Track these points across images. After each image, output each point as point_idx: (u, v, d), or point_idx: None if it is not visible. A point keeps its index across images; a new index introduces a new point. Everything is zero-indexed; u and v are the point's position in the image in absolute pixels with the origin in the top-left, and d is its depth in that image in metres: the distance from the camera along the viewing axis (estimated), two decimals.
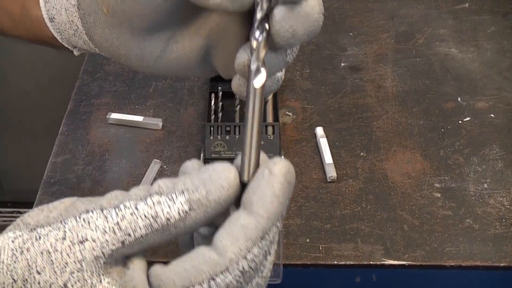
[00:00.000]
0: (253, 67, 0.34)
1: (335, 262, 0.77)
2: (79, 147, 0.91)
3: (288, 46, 0.37)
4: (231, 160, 0.37)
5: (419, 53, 1.07)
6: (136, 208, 0.33)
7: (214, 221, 0.34)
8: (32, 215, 0.34)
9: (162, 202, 0.33)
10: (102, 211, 0.33)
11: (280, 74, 0.40)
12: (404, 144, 0.91)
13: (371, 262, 0.77)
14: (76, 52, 0.49)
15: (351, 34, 1.11)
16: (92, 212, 0.33)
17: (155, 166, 0.87)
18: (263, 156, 0.35)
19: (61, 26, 0.45)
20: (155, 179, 0.86)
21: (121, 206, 0.33)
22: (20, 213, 1.85)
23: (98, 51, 0.45)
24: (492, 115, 0.95)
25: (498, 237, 0.78)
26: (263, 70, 0.34)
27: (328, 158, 0.87)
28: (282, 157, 0.34)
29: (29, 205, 0.88)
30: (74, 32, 0.44)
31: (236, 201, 0.34)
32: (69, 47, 0.47)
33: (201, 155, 0.87)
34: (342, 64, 1.04)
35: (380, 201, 0.83)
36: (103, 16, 0.41)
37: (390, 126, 0.94)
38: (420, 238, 0.78)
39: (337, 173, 0.86)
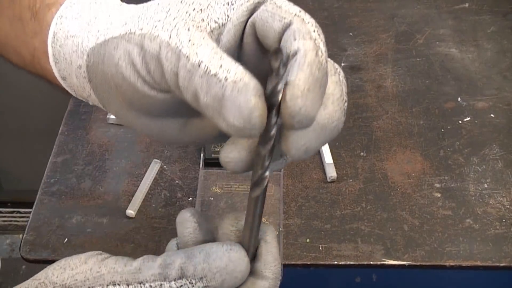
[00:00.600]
0: (255, 179, 0.35)
1: (335, 262, 0.77)
2: (79, 147, 0.91)
3: (299, 159, 0.37)
4: None
5: (419, 53, 1.07)
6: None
7: None
8: (56, 274, 0.37)
9: (183, 285, 0.38)
10: (127, 286, 0.38)
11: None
12: (404, 144, 0.91)
13: (371, 262, 0.77)
14: (91, 103, 0.46)
15: (351, 34, 1.11)
16: (119, 285, 0.37)
17: (155, 166, 0.87)
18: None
19: (74, 86, 0.43)
20: (155, 179, 0.86)
21: (147, 285, 0.38)
22: (20, 213, 1.85)
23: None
24: (492, 115, 0.95)
25: (498, 237, 0.78)
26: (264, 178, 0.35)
27: (328, 158, 0.87)
28: (267, 223, 0.40)
29: (29, 205, 0.88)
30: (87, 96, 0.42)
31: None
32: (85, 100, 0.45)
33: (201, 155, 0.87)
34: (342, 64, 1.04)
35: (380, 201, 0.83)
36: (118, 100, 0.39)
37: (390, 126, 0.93)
38: (420, 238, 0.78)
39: (337, 173, 0.86)
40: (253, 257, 0.40)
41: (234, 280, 0.37)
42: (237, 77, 0.32)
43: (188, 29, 0.34)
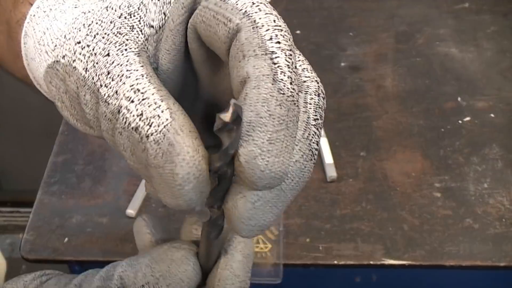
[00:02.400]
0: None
1: (335, 262, 0.77)
2: (79, 147, 0.91)
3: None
4: None
5: (419, 53, 1.07)
6: None
7: None
8: None
9: None
10: None
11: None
12: (404, 144, 0.91)
13: (371, 262, 0.77)
14: None
15: (351, 34, 1.11)
16: None
17: None
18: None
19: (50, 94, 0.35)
20: None
21: None
22: (20, 213, 1.85)
23: None
24: (492, 115, 0.95)
25: (498, 237, 0.78)
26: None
27: (328, 158, 0.87)
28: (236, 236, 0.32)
29: (29, 205, 0.88)
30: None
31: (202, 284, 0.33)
32: None
33: None
34: (342, 64, 1.04)
35: (380, 201, 0.83)
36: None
37: (390, 126, 0.93)
38: (420, 238, 0.78)
39: (337, 173, 0.86)
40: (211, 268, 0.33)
41: (180, 284, 0.31)
42: (159, 134, 0.23)
43: (108, 54, 0.26)
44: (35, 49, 0.31)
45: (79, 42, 0.28)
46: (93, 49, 0.27)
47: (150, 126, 0.24)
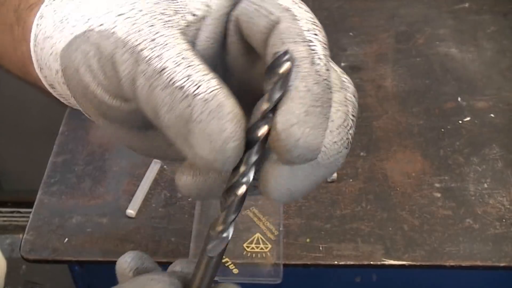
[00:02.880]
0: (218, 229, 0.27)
1: (335, 262, 0.77)
2: (79, 147, 0.91)
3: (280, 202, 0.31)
4: None
5: (419, 53, 1.07)
6: None
7: None
8: None
9: None
10: None
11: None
12: (404, 144, 0.91)
13: (371, 262, 0.77)
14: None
15: (351, 34, 1.11)
16: None
17: (155, 166, 0.87)
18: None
19: (63, 95, 0.37)
20: (155, 179, 0.86)
21: None
22: (20, 213, 1.85)
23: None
24: (492, 115, 0.95)
25: (498, 237, 0.78)
26: (225, 235, 0.27)
27: None
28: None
29: (29, 205, 0.88)
30: (74, 104, 0.36)
31: None
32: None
33: None
34: (342, 64, 1.04)
35: (380, 201, 0.83)
36: (92, 108, 0.32)
37: (390, 126, 0.93)
38: (420, 238, 0.78)
39: (337, 173, 0.86)
40: None
41: None
42: (209, 94, 0.25)
43: (152, 25, 0.27)
44: (54, 27, 0.32)
45: (121, 14, 0.28)
46: (136, 20, 0.28)
47: (198, 87, 0.25)
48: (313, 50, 0.26)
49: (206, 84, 0.25)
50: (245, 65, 0.30)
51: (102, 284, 0.36)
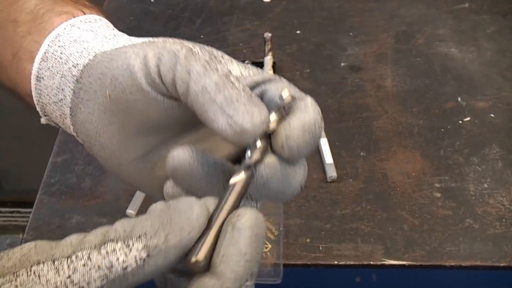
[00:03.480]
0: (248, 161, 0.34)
1: (335, 262, 0.77)
2: (79, 147, 0.91)
3: (257, 195, 0.36)
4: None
5: (419, 53, 1.07)
6: (89, 259, 0.30)
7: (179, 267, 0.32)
8: None
9: (117, 249, 0.30)
10: (53, 262, 0.30)
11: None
12: (404, 144, 0.91)
13: (371, 262, 0.77)
14: (43, 120, 0.45)
15: (351, 34, 1.11)
16: (44, 264, 0.30)
17: None
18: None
19: (46, 89, 0.42)
20: None
21: (73, 257, 0.30)
22: (20, 213, 1.85)
23: (71, 129, 0.42)
24: (492, 115, 0.95)
25: (498, 237, 0.79)
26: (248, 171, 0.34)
27: (328, 158, 0.87)
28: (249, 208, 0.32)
29: (29, 205, 0.88)
30: (57, 101, 0.41)
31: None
32: (40, 112, 0.44)
33: None
34: (342, 64, 1.04)
35: (380, 201, 0.83)
36: (102, 98, 0.38)
37: (390, 126, 0.94)
38: (420, 238, 0.79)
39: (337, 173, 0.86)
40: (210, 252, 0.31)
41: (180, 233, 0.30)
42: (253, 95, 0.34)
43: (210, 53, 0.37)
44: (96, 38, 0.41)
45: (185, 41, 0.37)
46: (200, 46, 0.37)
47: (245, 88, 0.34)
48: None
49: (248, 89, 0.34)
50: None
51: None
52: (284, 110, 0.35)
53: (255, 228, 0.31)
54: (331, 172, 0.86)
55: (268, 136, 0.34)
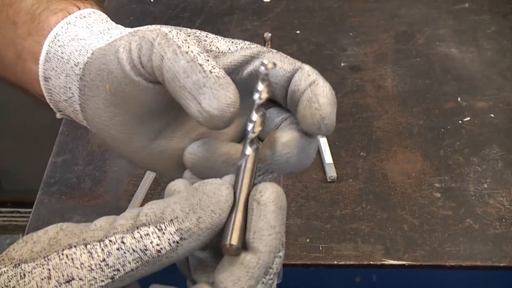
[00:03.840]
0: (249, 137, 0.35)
1: (335, 262, 0.77)
2: (79, 147, 0.91)
3: (278, 171, 0.37)
4: None
5: (419, 53, 1.07)
6: (123, 242, 0.31)
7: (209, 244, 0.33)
8: (17, 248, 0.32)
9: (150, 233, 0.31)
10: (86, 246, 0.31)
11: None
12: (404, 144, 0.91)
13: (371, 262, 0.77)
14: (58, 115, 0.47)
15: (351, 34, 1.11)
16: (76, 247, 0.32)
17: None
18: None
19: (55, 88, 0.44)
20: (155, 179, 0.86)
21: (106, 241, 0.31)
22: (20, 213, 1.85)
23: (85, 123, 0.44)
24: (492, 115, 0.95)
25: (498, 237, 0.79)
26: (253, 146, 0.35)
27: (328, 158, 0.87)
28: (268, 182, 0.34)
29: (29, 205, 0.88)
30: (66, 99, 0.43)
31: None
32: (54, 109, 0.46)
33: None
34: (342, 64, 1.04)
35: (380, 201, 0.83)
36: (104, 92, 0.40)
37: (390, 126, 0.94)
38: (420, 238, 0.79)
39: (337, 173, 0.86)
40: (242, 235, 0.32)
41: (211, 216, 0.31)
42: (220, 74, 0.34)
43: (188, 35, 0.37)
44: (91, 33, 0.42)
45: (166, 27, 0.38)
46: (179, 30, 0.38)
47: (214, 68, 0.34)
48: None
49: (218, 69, 0.34)
50: (244, 99, 0.37)
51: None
52: (268, 79, 0.35)
53: (278, 201, 0.32)
54: (331, 172, 0.86)
55: (261, 105, 0.35)
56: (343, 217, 0.81)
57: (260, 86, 0.35)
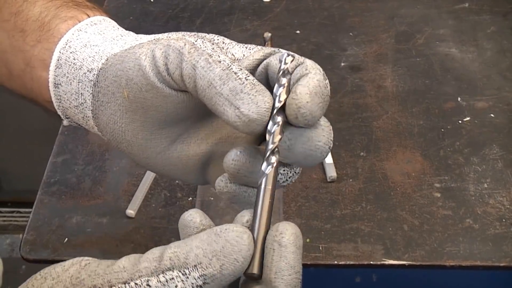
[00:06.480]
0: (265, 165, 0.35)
1: (335, 262, 0.77)
2: (79, 147, 0.91)
3: (282, 160, 0.37)
4: None
5: (419, 53, 1.07)
6: (148, 286, 0.33)
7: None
8: (36, 285, 0.33)
9: (175, 277, 0.33)
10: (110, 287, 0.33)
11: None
12: (404, 144, 0.91)
13: (371, 262, 0.77)
14: (65, 122, 0.47)
15: (351, 34, 1.11)
16: None
17: None
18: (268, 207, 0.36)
19: (65, 95, 0.44)
20: (155, 179, 0.86)
21: (132, 284, 0.33)
22: (20, 213, 1.85)
23: (95, 130, 0.44)
24: (492, 115, 0.95)
25: (498, 237, 0.78)
26: (273, 158, 0.35)
27: (328, 158, 0.87)
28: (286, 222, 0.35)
29: (29, 205, 0.88)
30: (77, 105, 0.43)
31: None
32: (62, 116, 0.46)
33: None
34: (342, 64, 1.04)
35: (380, 201, 0.83)
36: (120, 99, 0.40)
37: (390, 126, 0.93)
38: (420, 238, 0.79)
39: (337, 173, 0.86)
40: (261, 262, 0.34)
41: (234, 264, 0.32)
42: (255, 81, 0.35)
43: (212, 43, 0.39)
44: (105, 41, 0.43)
45: (187, 34, 0.41)
46: (199, 39, 0.39)
47: (248, 76, 0.35)
48: (326, 78, 0.37)
49: (251, 76, 0.35)
50: None
51: None
52: (290, 74, 0.36)
53: (297, 241, 0.34)
54: (331, 172, 0.86)
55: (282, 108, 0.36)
56: (343, 217, 0.81)
57: (279, 89, 0.35)
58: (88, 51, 0.42)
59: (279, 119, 0.35)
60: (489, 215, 0.81)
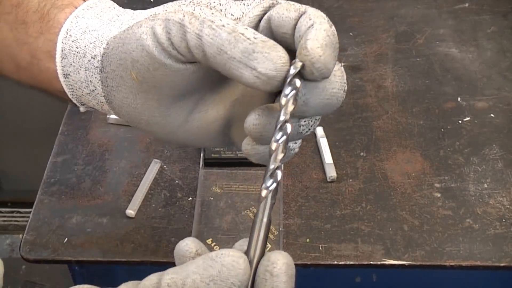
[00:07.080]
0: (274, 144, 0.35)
1: (335, 262, 0.77)
2: (79, 147, 0.91)
3: (300, 115, 0.37)
4: (231, 160, 0.38)
5: (419, 53, 1.07)
6: None
7: None
8: None
9: None
10: None
11: (294, 146, 0.40)
12: (404, 144, 0.91)
13: (371, 262, 0.77)
14: (82, 109, 0.47)
15: (351, 34, 1.11)
16: None
17: (155, 166, 0.87)
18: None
19: (76, 84, 0.44)
20: (155, 179, 0.86)
21: None
22: (20, 213, 1.85)
23: (112, 113, 0.44)
24: (492, 115, 0.95)
25: (498, 237, 0.78)
26: (278, 172, 0.36)
27: (328, 158, 0.87)
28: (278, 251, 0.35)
29: (29, 205, 0.88)
30: (89, 92, 0.44)
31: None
32: (77, 104, 0.46)
33: (201, 155, 0.87)
34: (342, 64, 1.04)
35: (380, 201, 0.83)
36: (130, 81, 0.40)
37: (390, 126, 0.93)
38: (420, 238, 0.79)
39: (337, 173, 0.86)
40: None
41: None
42: (264, 38, 0.34)
43: (210, 8, 0.38)
44: (102, 24, 0.42)
45: (183, 4, 0.40)
46: (198, 3, 0.39)
47: (256, 34, 0.34)
48: (331, 25, 0.35)
49: (259, 34, 0.35)
50: None
51: (102, 284, 0.36)
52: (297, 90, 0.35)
53: (289, 271, 0.34)
54: (331, 172, 0.85)
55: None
56: (343, 217, 0.81)
57: (286, 95, 0.35)
58: (88, 37, 0.42)
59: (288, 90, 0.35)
60: (489, 215, 0.81)
